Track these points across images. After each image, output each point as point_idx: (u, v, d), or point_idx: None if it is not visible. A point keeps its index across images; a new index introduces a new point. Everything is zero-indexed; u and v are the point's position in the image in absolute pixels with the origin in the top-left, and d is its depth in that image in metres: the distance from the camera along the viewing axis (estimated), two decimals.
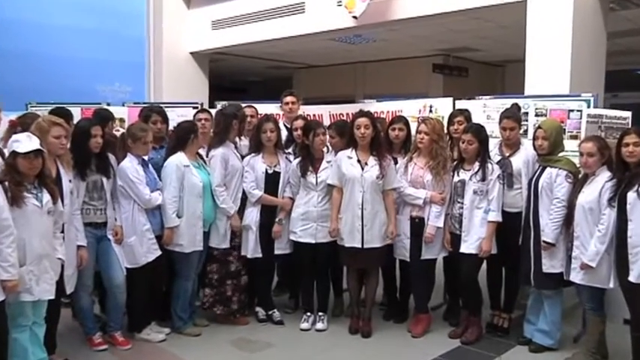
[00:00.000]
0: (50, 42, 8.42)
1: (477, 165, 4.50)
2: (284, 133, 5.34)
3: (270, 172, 4.88)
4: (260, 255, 4.89)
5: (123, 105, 6.78)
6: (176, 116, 5.75)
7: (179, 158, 4.58)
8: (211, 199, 4.70)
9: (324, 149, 4.98)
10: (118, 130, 5.58)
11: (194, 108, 6.24)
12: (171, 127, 5.04)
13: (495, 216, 4.45)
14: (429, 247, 4.67)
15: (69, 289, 4.00)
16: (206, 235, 4.74)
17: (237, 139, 5.04)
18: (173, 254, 4.61)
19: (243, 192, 4.89)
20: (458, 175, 4.61)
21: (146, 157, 4.56)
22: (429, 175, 4.62)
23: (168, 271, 4.67)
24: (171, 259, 4.64)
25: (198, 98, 7.80)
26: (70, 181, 3.96)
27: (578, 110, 4.97)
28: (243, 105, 5.32)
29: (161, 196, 4.47)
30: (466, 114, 5.09)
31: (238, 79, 14.20)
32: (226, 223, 4.82)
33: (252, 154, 4.91)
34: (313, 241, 4.81)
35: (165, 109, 5.10)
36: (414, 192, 4.67)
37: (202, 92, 9.51)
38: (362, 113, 4.68)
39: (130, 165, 4.39)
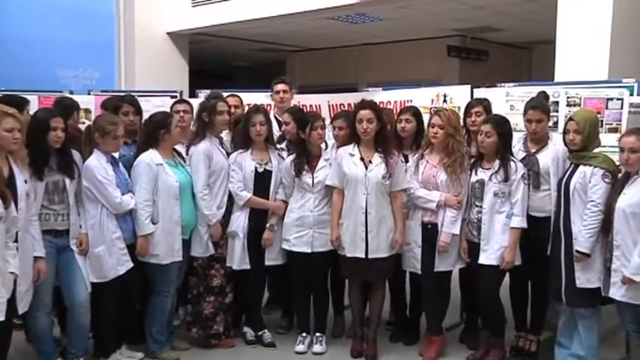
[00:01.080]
0: (1, 19, 8.31)
1: (497, 163, 4.53)
2: (275, 127, 5.36)
3: (260, 170, 4.90)
4: (248, 266, 4.91)
5: (89, 93, 6.78)
6: (152, 107, 5.75)
7: (150, 156, 4.58)
8: (191, 201, 4.73)
9: (323, 145, 5.01)
10: (84, 123, 5.57)
11: (172, 97, 6.28)
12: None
13: (519, 222, 4.46)
14: (443, 257, 4.68)
15: (22, 308, 3.90)
16: (186, 244, 4.75)
17: (223, 133, 5.09)
18: (148, 266, 4.60)
19: (229, 194, 4.91)
20: (476, 174, 4.63)
21: (116, 154, 4.56)
22: (443, 174, 4.64)
23: (143, 286, 4.65)
24: (146, 272, 4.63)
25: (177, 86, 7.84)
26: (25, 181, 3.91)
27: (618, 99, 4.97)
28: (226, 94, 5.36)
29: (134, 199, 4.47)
30: (485, 104, 5.10)
31: (223, 64, 14.21)
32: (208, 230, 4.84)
33: (240, 151, 4.92)
34: (309, 251, 4.83)
35: (139, 99, 5.11)
36: (425, 194, 4.69)
37: (181, 79, 9.53)
38: (364, 104, 4.70)
39: (97, 163, 4.36)
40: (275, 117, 5.65)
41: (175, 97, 6.33)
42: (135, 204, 4.46)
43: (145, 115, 5.02)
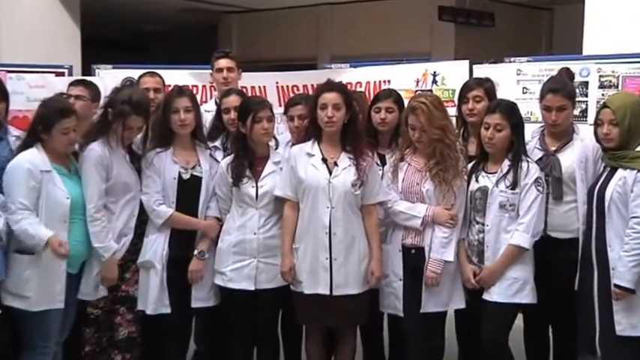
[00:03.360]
0: None
1: (506, 164, 4.60)
2: (209, 117, 5.45)
3: (185, 177, 4.93)
4: (168, 310, 4.88)
5: None
6: (26, 87, 5.80)
7: (32, 158, 4.56)
8: (83, 224, 4.73)
9: (271, 143, 5.04)
10: None
11: (57, 74, 6.26)
12: (22, 106, 4.98)
13: (521, 239, 4.55)
14: (432, 293, 4.71)
15: None
16: (75, 281, 4.74)
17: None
18: (15, 313, 4.55)
19: (141, 209, 4.90)
20: (477, 180, 4.71)
21: None
22: (429, 181, 4.69)
23: (11, 338, 4.60)
24: (14, 322, 4.58)
25: (65, 59, 7.71)
26: None
27: None
28: (144, 72, 5.45)
29: (1, 217, 4.45)
30: (488, 86, 5.17)
31: (130, 29, 14.15)
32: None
33: (157, 150, 4.92)
34: (252, 288, 4.83)
35: (4, 76, 5.17)
36: (407, 208, 4.73)
37: (70, 49, 9.37)
38: (330, 86, 4.72)
39: None
40: (215, 102, 5.75)
41: (62, 73, 6.30)
42: (3, 224, 4.44)
43: (20, 99, 4.95)
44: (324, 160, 4.68)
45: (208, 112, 5.61)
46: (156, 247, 4.89)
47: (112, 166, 4.77)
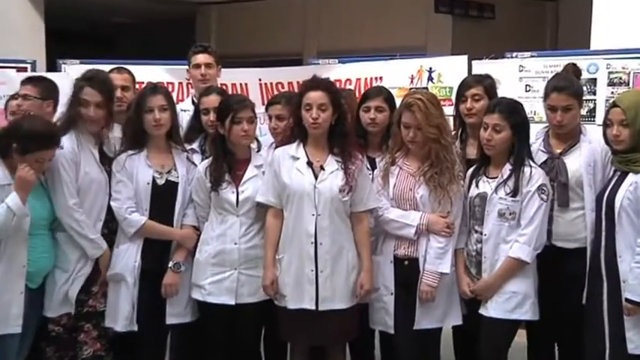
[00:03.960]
0: None
1: (507, 169, 4.63)
2: (186, 117, 5.48)
3: (160, 182, 4.95)
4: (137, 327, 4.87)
5: None
6: None
7: None
8: (48, 236, 4.77)
9: (253, 145, 5.06)
10: None
11: (20, 70, 6.31)
12: None
13: (521, 251, 4.55)
14: (427, 308, 4.72)
15: None
16: (37, 297, 4.74)
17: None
18: None
19: (111, 217, 4.92)
20: (477, 185, 4.73)
21: None
22: (423, 186, 4.70)
23: None
24: None
25: (28, 53, 7.76)
26: None
27: None
28: (111, 68, 5.44)
29: None
30: (487, 83, 5.18)
31: (100, 21, 14.11)
32: (75, 273, 4.84)
33: (129, 152, 4.93)
34: (233, 302, 4.83)
35: None
36: (399, 216, 4.75)
37: (34, 43, 9.35)
38: (314, 83, 4.72)
39: None
40: (192, 101, 5.77)
41: (24, 69, 6.37)
42: None
43: None
44: (310, 163, 4.67)
45: (185, 111, 5.62)
46: (127, 259, 4.88)
47: (80, 163, 4.80)
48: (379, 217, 4.78)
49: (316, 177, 4.65)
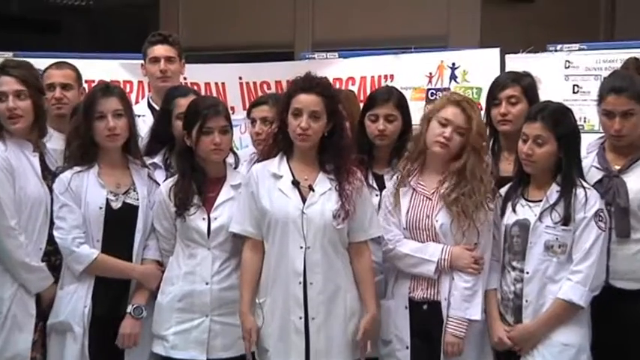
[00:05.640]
0: None
1: (554, 190, 4.23)
2: (141, 123, 5.14)
3: (115, 205, 4.59)
4: None
5: None
6: None
7: None
8: None
9: (229, 159, 4.75)
10: None
11: None
12: None
13: (574, 293, 4.11)
14: None
15: None
16: None
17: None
18: None
19: (54, 248, 4.55)
20: (514, 211, 4.33)
21: None
22: (444, 212, 4.26)
23: None
24: None
25: None
26: None
27: None
28: (49, 64, 5.29)
29: None
30: (526, 83, 4.86)
31: (43, 3, 14.06)
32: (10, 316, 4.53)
33: (76, 169, 4.57)
34: (203, 358, 4.45)
35: None
36: (414, 250, 4.36)
37: None
38: (307, 83, 4.33)
39: None
40: (149, 105, 5.66)
41: None
42: None
43: None
44: (296, 183, 4.27)
45: (140, 116, 5.32)
46: (75, 303, 4.50)
47: (15, 174, 4.51)
48: (389, 251, 4.42)
49: (304, 200, 4.26)
